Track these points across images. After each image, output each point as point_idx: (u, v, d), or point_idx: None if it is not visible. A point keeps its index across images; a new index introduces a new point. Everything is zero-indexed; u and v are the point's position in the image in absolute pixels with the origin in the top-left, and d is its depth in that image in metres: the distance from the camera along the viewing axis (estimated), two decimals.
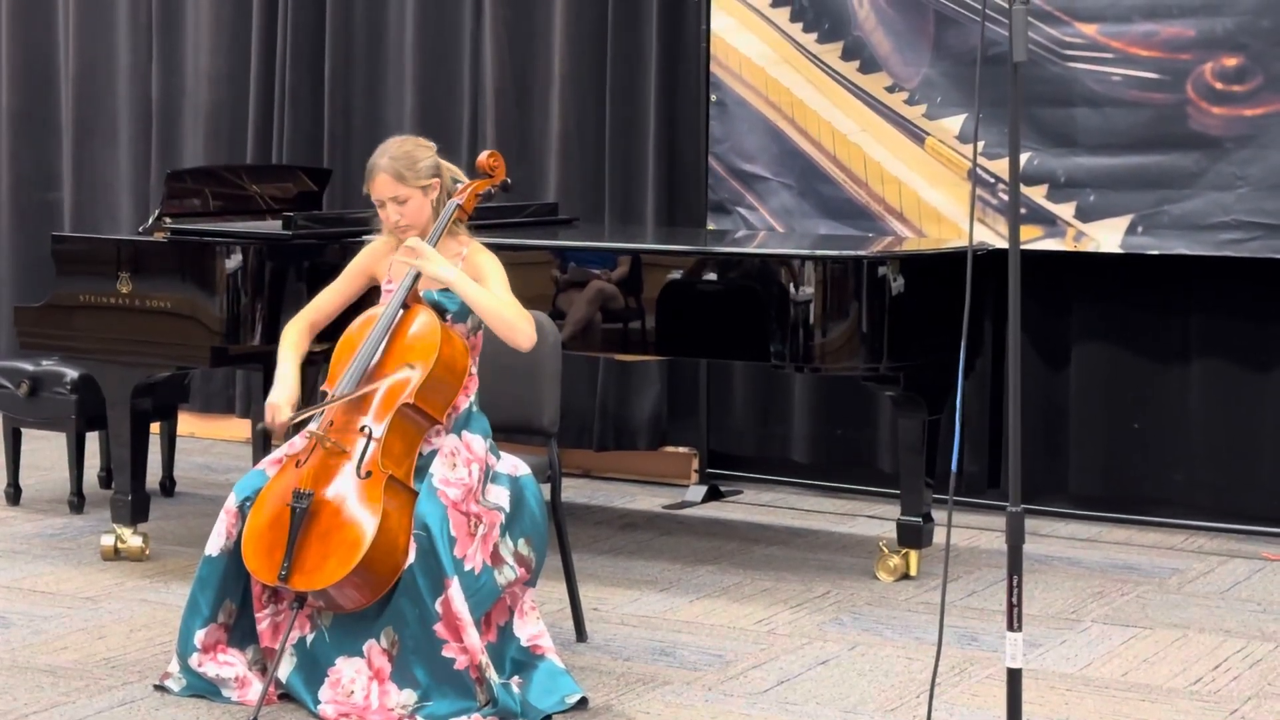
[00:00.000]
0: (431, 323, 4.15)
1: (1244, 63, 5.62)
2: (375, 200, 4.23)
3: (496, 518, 4.09)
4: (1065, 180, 5.87)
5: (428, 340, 4.13)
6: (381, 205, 4.23)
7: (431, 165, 4.24)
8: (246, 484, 4.14)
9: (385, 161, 4.20)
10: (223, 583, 4.12)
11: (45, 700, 4.12)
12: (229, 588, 4.12)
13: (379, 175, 4.20)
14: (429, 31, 7.01)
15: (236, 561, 4.09)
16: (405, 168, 4.19)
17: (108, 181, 7.71)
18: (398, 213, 4.21)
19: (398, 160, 4.20)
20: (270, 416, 4.17)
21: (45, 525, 5.88)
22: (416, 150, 4.24)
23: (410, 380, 4.09)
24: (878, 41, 6.11)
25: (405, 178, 4.19)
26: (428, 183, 4.22)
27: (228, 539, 4.11)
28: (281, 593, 4.07)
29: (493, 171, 4.43)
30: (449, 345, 4.14)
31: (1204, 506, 5.96)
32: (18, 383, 6.05)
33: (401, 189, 4.19)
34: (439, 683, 3.94)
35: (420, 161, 4.22)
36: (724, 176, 6.39)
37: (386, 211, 4.23)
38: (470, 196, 4.32)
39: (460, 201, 4.28)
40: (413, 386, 4.08)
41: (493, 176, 4.42)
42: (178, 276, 5.23)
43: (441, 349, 4.11)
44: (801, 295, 5.01)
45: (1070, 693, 4.27)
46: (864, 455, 6.46)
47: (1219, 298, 5.87)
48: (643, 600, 5.06)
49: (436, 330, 4.14)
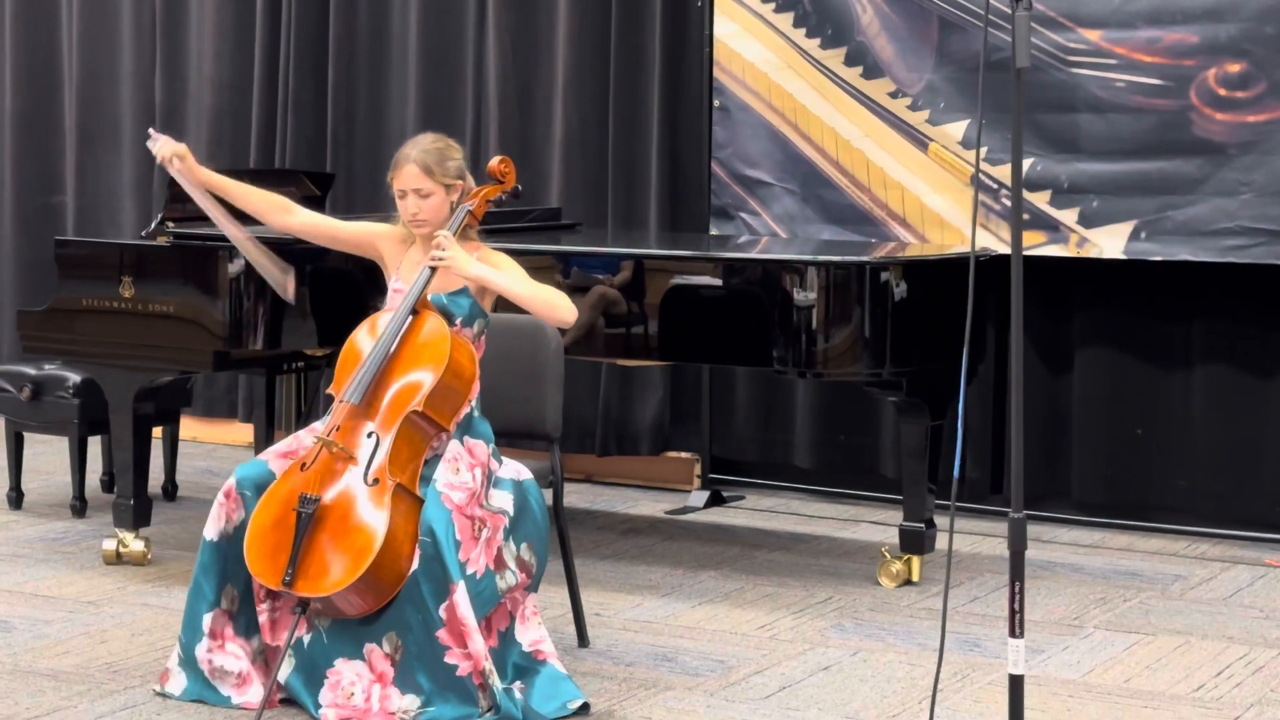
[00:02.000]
0: (441, 329, 4.15)
1: (1247, 69, 5.62)
2: (398, 190, 4.24)
3: (500, 521, 4.09)
4: (1068, 186, 5.87)
5: (437, 347, 4.12)
6: (403, 196, 4.24)
7: (459, 168, 4.28)
8: (247, 470, 4.13)
9: (416, 153, 4.23)
10: (224, 567, 4.10)
11: (46, 705, 4.12)
12: (230, 572, 4.10)
13: (407, 165, 4.22)
14: (432, 37, 7.01)
15: (237, 547, 4.06)
16: (435, 163, 4.22)
17: (111, 186, 7.72)
18: (418, 206, 4.22)
19: (429, 154, 4.23)
20: None
21: (47, 529, 5.88)
22: (448, 150, 4.28)
23: (420, 387, 4.08)
24: (881, 47, 6.11)
25: (434, 172, 4.21)
26: (452, 182, 4.25)
27: (226, 523, 4.09)
28: (283, 596, 4.07)
29: (504, 177, 4.42)
30: (458, 352, 4.14)
31: (1207, 513, 5.95)
32: (20, 387, 6.05)
33: (427, 183, 4.21)
34: (441, 689, 3.93)
35: (449, 161, 4.25)
36: (727, 182, 6.39)
37: (407, 203, 4.23)
38: (481, 202, 4.32)
39: (471, 207, 4.29)
40: (422, 394, 4.07)
41: (504, 183, 4.42)
42: (180, 281, 5.23)
43: (451, 356, 4.11)
44: (804, 301, 5.00)
45: (1072, 699, 4.26)
46: (866, 461, 6.45)
47: (1222, 304, 5.87)
48: (645, 606, 5.06)
49: (446, 337, 4.13)
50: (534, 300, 4.17)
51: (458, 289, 4.24)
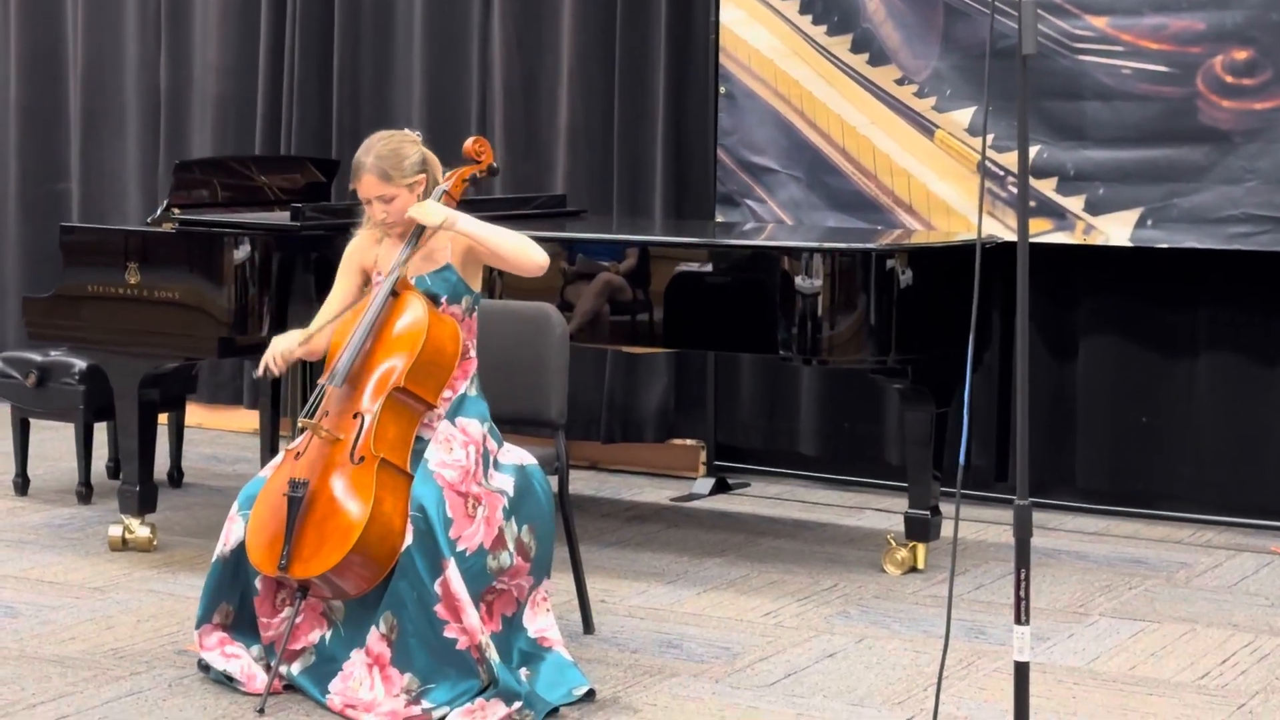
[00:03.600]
0: (419, 306, 4.15)
1: (1254, 56, 5.61)
2: (361, 198, 4.21)
3: (498, 500, 4.09)
4: (1075, 173, 5.86)
5: (416, 324, 4.13)
6: (368, 203, 4.21)
7: (418, 161, 4.19)
8: (250, 490, 4.17)
9: (371, 161, 4.15)
10: (218, 587, 4.18)
11: (53, 690, 4.13)
12: (224, 591, 4.18)
13: (365, 175, 4.15)
14: (437, 23, 7.00)
15: (233, 567, 4.14)
16: (391, 167, 4.14)
17: (116, 173, 7.72)
18: (384, 211, 4.18)
19: (384, 159, 4.14)
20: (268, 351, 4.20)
21: (53, 515, 5.88)
22: (402, 147, 4.19)
23: (397, 365, 4.09)
24: (887, 34, 6.10)
25: (391, 177, 4.14)
26: (413, 180, 4.17)
27: (224, 546, 4.16)
28: (288, 587, 4.09)
29: (479, 157, 4.42)
30: (438, 327, 4.14)
31: (1212, 500, 5.95)
32: (26, 373, 6.05)
33: (388, 188, 4.15)
34: (441, 664, 3.94)
35: (406, 159, 4.17)
36: (732, 169, 6.39)
37: (373, 209, 4.21)
38: (458, 182, 4.32)
39: (447, 188, 4.28)
40: (401, 371, 4.09)
41: (479, 162, 4.42)
42: (186, 267, 5.23)
43: (430, 331, 4.12)
44: (809, 288, 5.00)
45: (1078, 686, 4.26)
46: (871, 448, 6.45)
47: (1228, 291, 5.86)
48: (650, 592, 5.06)
49: (424, 313, 4.14)
50: (502, 246, 4.15)
51: (441, 266, 4.23)
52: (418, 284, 4.21)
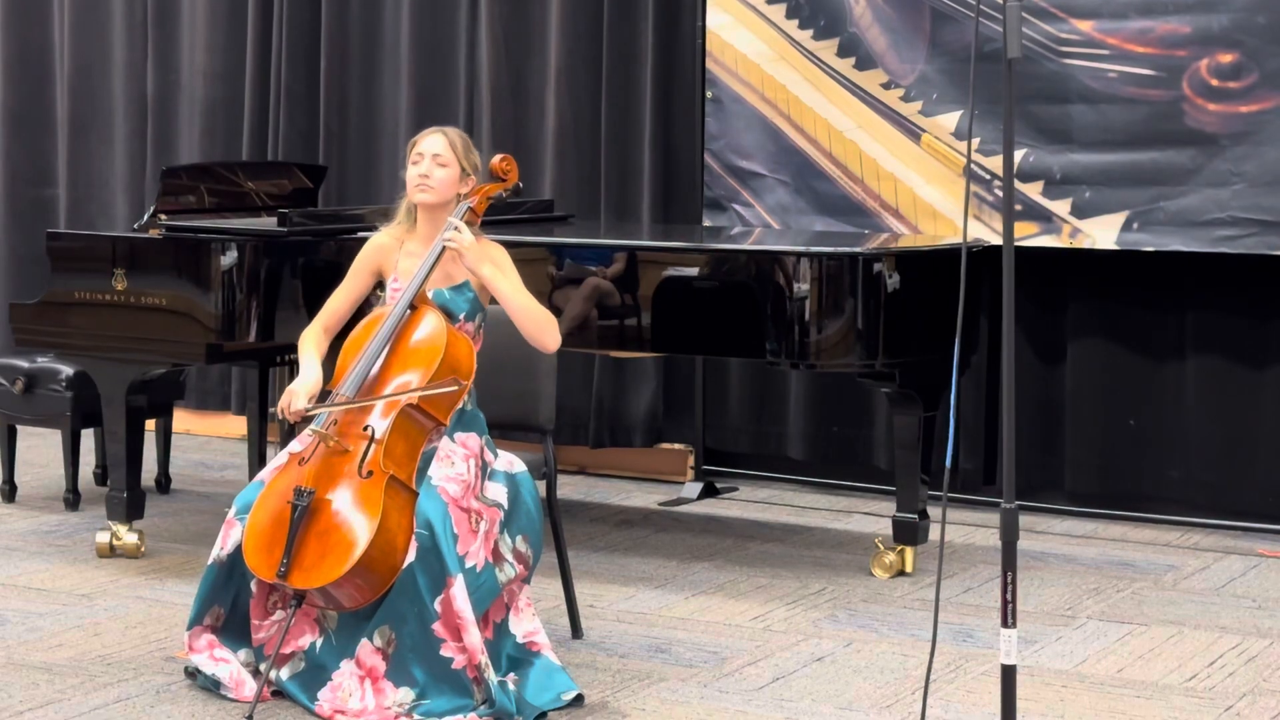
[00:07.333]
0: (439, 325, 4.15)
1: (1240, 59, 5.62)
2: (415, 154, 4.28)
3: (496, 514, 4.10)
4: (1061, 177, 5.87)
5: (434, 343, 4.13)
6: (418, 160, 4.26)
7: (477, 163, 4.35)
8: (245, 497, 4.16)
9: (449, 130, 4.34)
10: (213, 590, 4.17)
11: (40, 697, 4.12)
12: (218, 594, 4.17)
13: (436, 134, 4.30)
14: (425, 28, 7.01)
15: (227, 571, 4.13)
16: (463, 146, 4.32)
17: (103, 178, 7.71)
18: (430, 169, 4.25)
19: (460, 138, 4.33)
20: (285, 403, 4.17)
21: (40, 522, 5.87)
22: (472, 146, 4.37)
23: (412, 381, 4.08)
24: (873, 38, 6.11)
25: (458, 149, 4.29)
26: (469, 169, 4.31)
27: (220, 550, 4.14)
28: (281, 591, 4.08)
29: (505, 175, 4.44)
30: (455, 348, 4.14)
31: (1200, 503, 5.96)
32: (13, 380, 6.04)
33: (450, 154, 4.28)
34: (436, 681, 3.94)
35: (474, 154, 4.35)
36: (720, 173, 6.39)
37: (420, 165, 4.26)
38: (483, 199, 4.34)
39: (472, 204, 4.30)
40: (414, 385, 4.07)
41: (505, 180, 4.44)
42: (173, 273, 5.22)
43: (447, 351, 4.11)
44: (797, 292, 5.00)
45: (1065, 689, 4.27)
46: (860, 452, 6.46)
47: (1215, 294, 5.87)
48: (638, 597, 5.06)
49: (443, 332, 4.14)
50: (526, 316, 4.22)
51: (459, 283, 4.25)
52: (435, 297, 4.22)
